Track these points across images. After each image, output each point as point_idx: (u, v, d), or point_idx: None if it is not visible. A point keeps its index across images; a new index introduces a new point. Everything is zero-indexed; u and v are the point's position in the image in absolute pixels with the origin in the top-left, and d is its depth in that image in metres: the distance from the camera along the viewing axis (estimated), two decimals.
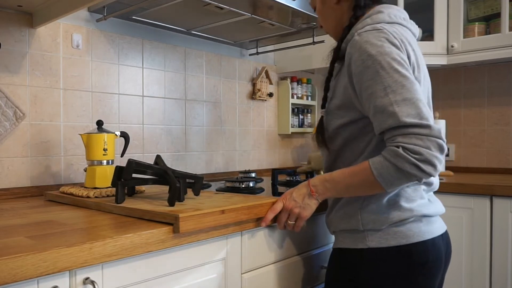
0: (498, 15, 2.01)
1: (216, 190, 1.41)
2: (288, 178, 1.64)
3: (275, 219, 1.07)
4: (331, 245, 1.35)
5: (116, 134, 1.31)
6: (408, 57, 0.95)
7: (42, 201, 1.25)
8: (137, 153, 1.66)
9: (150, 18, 1.62)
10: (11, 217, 0.98)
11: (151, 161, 1.70)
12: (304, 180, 1.30)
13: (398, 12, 1.04)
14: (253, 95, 2.16)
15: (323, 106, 1.11)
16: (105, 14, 1.49)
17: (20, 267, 0.65)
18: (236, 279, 1.05)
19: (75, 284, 0.75)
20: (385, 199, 0.98)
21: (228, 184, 1.41)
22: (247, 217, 1.01)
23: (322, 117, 1.09)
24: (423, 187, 1.02)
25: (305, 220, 1.05)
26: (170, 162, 1.78)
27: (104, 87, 1.57)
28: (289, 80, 2.28)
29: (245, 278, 1.07)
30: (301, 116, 2.38)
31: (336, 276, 1.07)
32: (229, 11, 1.52)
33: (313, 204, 1.03)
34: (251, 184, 1.40)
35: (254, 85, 2.16)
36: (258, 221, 1.06)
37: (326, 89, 1.09)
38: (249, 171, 1.85)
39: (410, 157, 0.85)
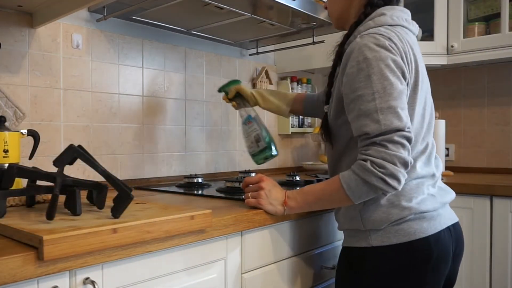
0: (498, 15, 2.01)
1: (216, 190, 1.41)
2: (288, 178, 1.64)
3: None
4: (331, 245, 1.36)
5: (22, 133, 1.16)
6: (408, 61, 0.97)
7: None
8: (137, 153, 1.66)
9: (150, 18, 1.62)
10: None
11: (151, 160, 1.71)
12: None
13: (401, 13, 1.05)
14: None
15: (326, 102, 1.12)
16: (105, 14, 1.49)
17: (20, 267, 0.65)
18: (236, 279, 1.05)
19: (75, 284, 0.75)
20: (384, 198, 0.99)
21: (228, 184, 1.41)
22: (153, 236, 0.81)
23: (326, 113, 1.11)
24: (426, 181, 1.03)
25: (254, 206, 1.08)
26: (171, 162, 1.78)
27: (104, 87, 1.57)
28: (289, 80, 2.28)
29: (245, 278, 1.07)
30: (301, 116, 2.38)
31: (344, 274, 1.10)
32: (229, 11, 1.52)
33: (278, 210, 1.07)
34: None
35: (254, 85, 2.16)
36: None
37: (330, 85, 1.11)
38: (249, 171, 1.85)
39: (376, 171, 0.89)
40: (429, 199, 1.02)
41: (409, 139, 0.92)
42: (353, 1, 1.09)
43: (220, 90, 1.54)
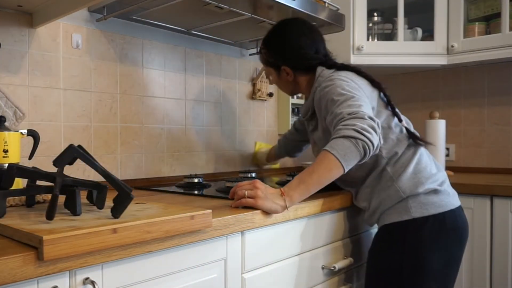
0: (498, 15, 2.01)
1: (216, 190, 1.41)
2: (288, 178, 1.64)
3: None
4: (331, 245, 1.35)
5: (22, 133, 1.16)
6: (372, 80, 1.32)
7: None
8: (137, 153, 1.66)
9: (150, 18, 1.62)
10: None
11: (151, 160, 1.71)
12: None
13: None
14: (253, 95, 2.16)
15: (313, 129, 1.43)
16: (105, 14, 1.49)
17: (20, 267, 0.65)
18: (237, 279, 1.05)
19: (75, 284, 0.75)
20: (411, 169, 1.23)
21: (228, 184, 1.41)
22: (153, 236, 0.81)
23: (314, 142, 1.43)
24: (430, 155, 1.34)
25: (254, 206, 1.06)
26: (170, 162, 1.78)
27: (104, 87, 1.57)
28: None
29: (245, 278, 1.07)
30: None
31: (382, 248, 1.26)
32: (229, 11, 1.51)
33: (279, 206, 1.07)
34: None
35: (254, 85, 2.16)
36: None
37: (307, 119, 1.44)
38: (249, 171, 1.85)
39: (349, 126, 1.06)
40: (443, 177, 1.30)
41: (370, 116, 1.10)
42: (298, 81, 1.42)
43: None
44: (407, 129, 1.30)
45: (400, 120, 1.30)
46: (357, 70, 1.33)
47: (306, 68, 1.38)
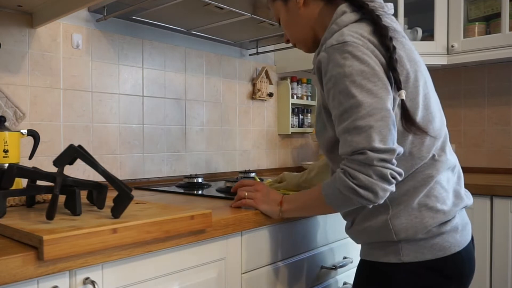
0: (498, 15, 2.01)
1: (216, 190, 1.41)
2: None
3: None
4: (330, 245, 1.36)
5: (22, 133, 1.16)
6: (390, 56, 0.87)
7: None
8: (137, 153, 1.66)
9: (150, 18, 1.62)
10: None
11: (151, 160, 1.71)
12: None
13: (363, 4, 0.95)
14: (253, 95, 2.16)
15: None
16: (105, 14, 1.49)
17: (20, 267, 0.65)
18: (236, 279, 1.05)
19: (75, 284, 0.75)
20: (415, 202, 0.91)
21: (228, 184, 1.41)
22: (153, 236, 0.81)
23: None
24: (452, 178, 0.97)
25: (251, 206, 1.07)
26: (170, 162, 1.78)
27: (104, 87, 1.57)
28: (289, 80, 2.28)
29: (245, 278, 1.07)
30: (301, 116, 2.38)
31: None
32: (229, 11, 1.52)
33: (273, 210, 1.05)
34: None
35: (254, 85, 2.16)
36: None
37: None
38: (249, 171, 1.85)
39: (348, 181, 0.85)
40: (460, 197, 0.97)
41: (382, 158, 0.83)
42: (310, 12, 1.02)
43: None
44: (405, 112, 0.89)
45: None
46: (390, 38, 0.89)
47: None
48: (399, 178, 0.85)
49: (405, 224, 0.91)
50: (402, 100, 0.88)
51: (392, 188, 0.85)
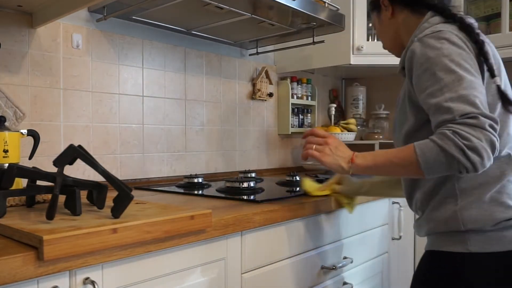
0: (498, 15, 2.01)
1: (216, 190, 1.41)
2: (288, 178, 1.64)
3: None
4: (331, 245, 1.35)
5: (22, 133, 1.16)
6: (480, 48, 0.93)
7: None
8: (137, 153, 1.66)
9: (150, 18, 1.62)
10: None
11: (151, 160, 1.71)
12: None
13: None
14: (253, 95, 2.16)
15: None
16: (105, 14, 1.49)
17: (20, 267, 0.65)
18: (236, 279, 1.05)
19: (75, 284, 0.75)
20: (486, 196, 0.91)
21: (228, 184, 1.41)
22: (153, 236, 0.81)
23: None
24: None
25: (318, 160, 1.04)
26: (170, 162, 1.78)
27: (104, 87, 1.57)
28: (289, 80, 2.28)
29: (245, 278, 1.07)
30: (301, 116, 2.38)
31: (427, 280, 0.99)
32: (229, 11, 1.52)
33: (342, 167, 1.02)
34: (251, 184, 1.40)
35: (254, 85, 2.16)
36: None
37: None
38: (249, 171, 1.85)
39: (458, 141, 0.82)
40: None
41: (491, 125, 0.83)
42: (397, 21, 1.11)
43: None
44: (503, 94, 0.95)
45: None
46: (477, 33, 0.95)
47: (408, 2, 1.08)
48: (496, 153, 0.84)
49: (475, 216, 0.91)
50: (498, 85, 0.93)
51: (491, 160, 0.84)
